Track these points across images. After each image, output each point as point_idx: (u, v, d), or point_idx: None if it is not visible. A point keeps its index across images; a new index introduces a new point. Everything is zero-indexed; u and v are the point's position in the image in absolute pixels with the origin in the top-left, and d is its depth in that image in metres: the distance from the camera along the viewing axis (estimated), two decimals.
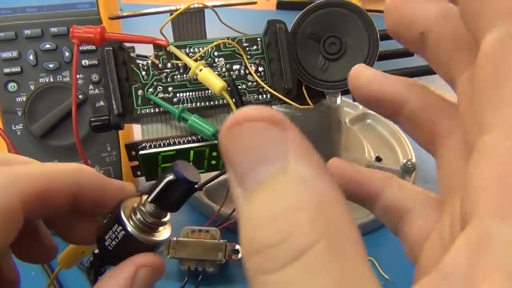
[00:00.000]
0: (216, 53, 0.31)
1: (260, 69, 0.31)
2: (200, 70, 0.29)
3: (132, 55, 0.30)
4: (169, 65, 0.30)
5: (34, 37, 0.37)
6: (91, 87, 0.38)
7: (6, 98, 0.37)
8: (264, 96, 0.31)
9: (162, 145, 0.28)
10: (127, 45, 0.30)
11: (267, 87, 0.31)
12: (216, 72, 0.30)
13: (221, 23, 0.32)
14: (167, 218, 0.20)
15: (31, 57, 0.37)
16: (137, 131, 0.36)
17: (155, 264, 0.19)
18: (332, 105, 0.34)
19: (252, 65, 0.31)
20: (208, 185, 0.34)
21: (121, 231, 0.19)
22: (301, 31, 0.33)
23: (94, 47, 0.38)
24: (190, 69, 0.29)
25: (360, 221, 0.40)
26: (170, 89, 0.30)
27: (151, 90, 0.30)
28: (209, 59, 0.31)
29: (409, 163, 0.46)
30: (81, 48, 0.37)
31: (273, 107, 0.32)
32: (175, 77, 0.30)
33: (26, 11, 0.38)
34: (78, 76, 0.38)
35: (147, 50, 0.31)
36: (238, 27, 0.32)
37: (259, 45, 0.32)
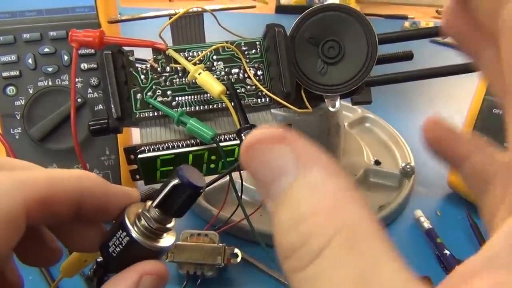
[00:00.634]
0: (215, 57, 0.31)
1: (259, 72, 0.32)
2: (199, 74, 0.29)
3: (131, 58, 0.30)
4: (168, 68, 0.30)
5: (33, 41, 0.37)
6: (90, 90, 0.38)
7: (5, 102, 0.37)
8: (263, 99, 0.31)
9: (161, 148, 0.28)
10: (126, 49, 0.30)
11: (266, 91, 0.31)
12: (215, 76, 0.30)
13: (220, 27, 0.32)
14: (171, 224, 0.19)
15: (30, 60, 0.37)
16: (136, 135, 0.36)
17: (159, 271, 0.18)
18: (331, 108, 0.34)
19: (251, 68, 0.31)
20: (207, 189, 0.34)
21: (125, 237, 0.19)
22: (300, 35, 0.33)
23: (93, 50, 0.38)
24: (189, 72, 0.29)
25: None
26: (169, 92, 0.30)
27: (150, 93, 0.30)
28: (208, 62, 0.31)
29: (408, 166, 0.45)
30: (80, 51, 0.37)
31: (271, 110, 0.32)
32: (174, 80, 0.30)
33: (25, 15, 0.38)
34: (77, 79, 0.38)
35: (146, 54, 0.31)
36: (237, 31, 0.32)
37: (258, 49, 0.32)
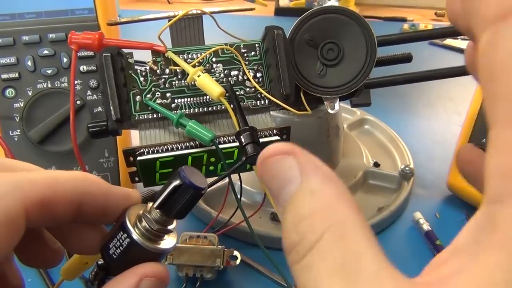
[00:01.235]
0: (214, 59, 0.31)
1: (258, 75, 0.32)
2: (198, 76, 0.29)
3: (130, 61, 0.30)
4: (167, 71, 0.30)
5: (32, 43, 0.37)
6: (89, 93, 0.38)
7: (4, 104, 0.37)
8: (262, 102, 0.31)
9: (160, 151, 0.28)
10: (125, 51, 0.30)
11: (265, 93, 0.31)
12: (214, 78, 0.30)
13: (219, 29, 0.32)
14: (172, 226, 0.19)
15: (29, 63, 0.37)
16: (135, 137, 0.36)
17: (159, 274, 0.18)
18: (330, 110, 0.35)
19: (250, 71, 0.31)
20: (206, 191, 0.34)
21: (126, 239, 0.18)
22: (299, 37, 0.33)
23: (92, 53, 0.38)
24: (188, 75, 0.29)
25: None
26: (168, 95, 0.30)
27: (149, 96, 0.30)
28: (207, 65, 0.31)
29: (407, 168, 0.46)
30: (79, 54, 0.37)
31: (271, 112, 0.32)
32: (173, 83, 0.30)
33: (24, 17, 0.38)
34: (76, 82, 0.38)
35: (145, 56, 0.31)
36: (236, 33, 0.32)
37: (257, 51, 0.32)
